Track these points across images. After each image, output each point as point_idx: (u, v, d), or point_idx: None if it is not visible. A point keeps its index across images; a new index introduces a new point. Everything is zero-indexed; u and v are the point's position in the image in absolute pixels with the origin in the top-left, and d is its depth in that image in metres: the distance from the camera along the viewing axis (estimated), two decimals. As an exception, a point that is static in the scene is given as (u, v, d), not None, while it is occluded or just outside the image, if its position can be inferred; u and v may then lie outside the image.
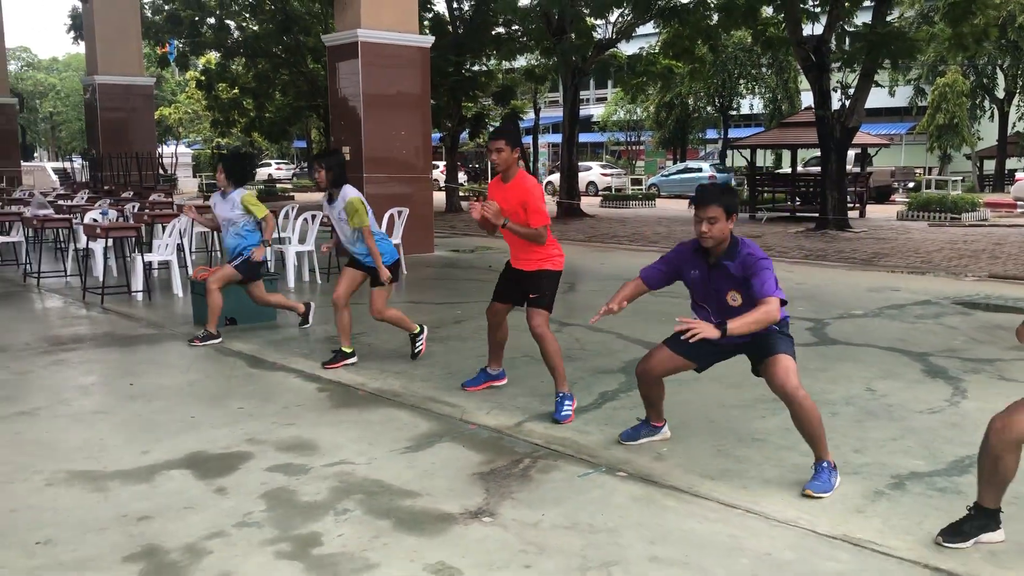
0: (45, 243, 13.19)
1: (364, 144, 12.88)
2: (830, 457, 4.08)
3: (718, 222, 4.05)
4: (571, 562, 3.33)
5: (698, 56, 24.38)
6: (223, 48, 29.05)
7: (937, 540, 3.46)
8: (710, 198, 4.06)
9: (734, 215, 4.12)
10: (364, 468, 4.33)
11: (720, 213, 4.04)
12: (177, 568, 3.29)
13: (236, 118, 32.67)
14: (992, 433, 3.33)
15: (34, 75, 65.09)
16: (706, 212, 4.05)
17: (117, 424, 5.08)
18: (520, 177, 5.27)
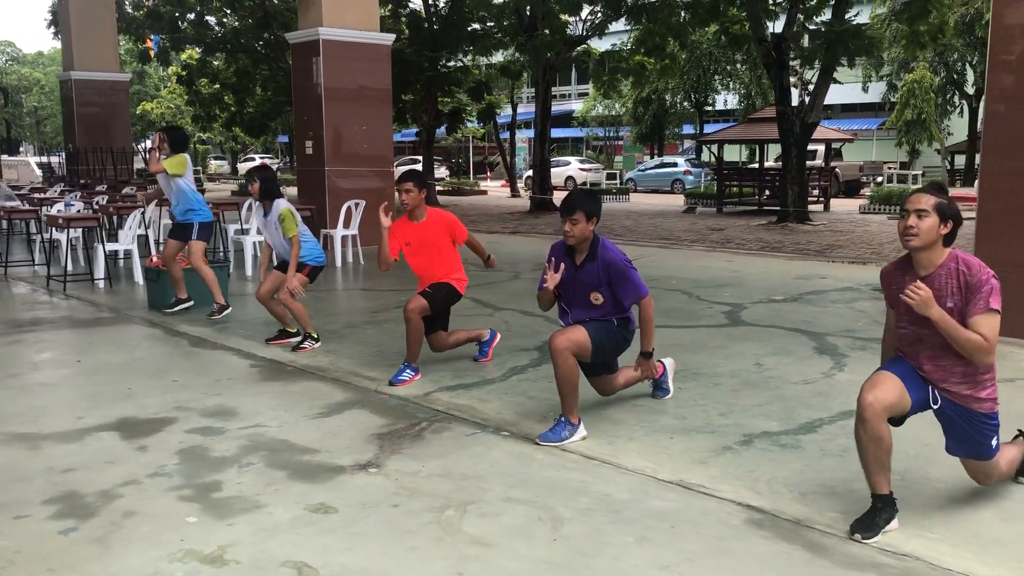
0: (17, 234, 13.65)
1: (326, 138, 13.35)
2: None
3: (579, 223, 4.58)
4: (435, 502, 3.83)
5: (669, 53, 24.89)
6: (203, 44, 29.38)
7: (854, 536, 3.45)
8: (574, 203, 4.61)
9: (595, 218, 4.63)
10: (275, 430, 4.82)
11: (581, 216, 4.58)
12: (90, 508, 3.77)
13: (217, 113, 33.09)
14: (864, 412, 3.45)
15: (19, 70, 65.29)
16: (570, 215, 4.59)
17: (59, 394, 5.56)
18: (433, 212, 5.84)
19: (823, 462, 4.31)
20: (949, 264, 3.46)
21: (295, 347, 6.69)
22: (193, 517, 3.69)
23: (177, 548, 3.39)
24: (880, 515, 3.52)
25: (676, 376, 5.84)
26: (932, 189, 3.54)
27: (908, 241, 3.46)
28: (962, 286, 3.41)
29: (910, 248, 3.48)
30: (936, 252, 3.47)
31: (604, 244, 4.73)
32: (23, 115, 62.77)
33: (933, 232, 3.42)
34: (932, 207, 3.41)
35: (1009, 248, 6.90)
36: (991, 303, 3.35)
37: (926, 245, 3.45)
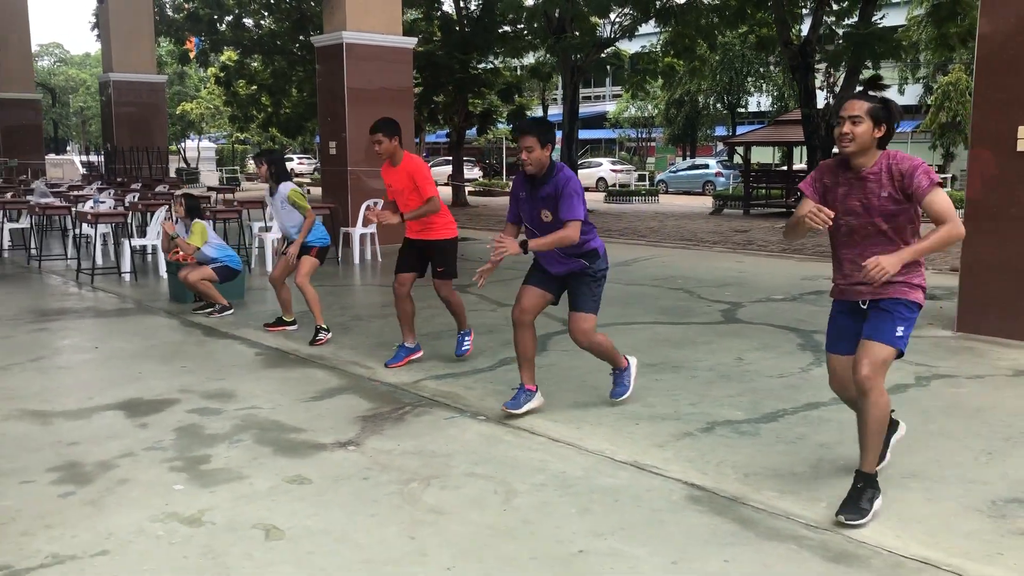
0: (57, 230, 14.22)
1: (348, 140, 13.74)
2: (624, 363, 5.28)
3: (534, 151, 4.70)
4: (402, 476, 4.14)
5: (699, 55, 25.05)
6: (241, 46, 30.04)
7: (839, 520, 3.55)
8: (525, 129, 4.74)
9: (549, 145, 4.77)
10: (267, 412, 5.16)
11: (535, 143, 4.69)
12: (88, 476, 4.14)
13: (254, 114, 33.76)
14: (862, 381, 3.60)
15: (66, 71, 66.89)
16: (523, 142, 4.72)
17: (74, 377, 5.97)
18: (406, 158, 6.14)
19: (775, 448, 4.55)
20: (881, 162, 3.64)
21: (312, 341, 6.97)
22: (180, 485, 4.04)
23: (161, 511, 3.73)
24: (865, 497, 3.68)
25: (655, 368, 6.12)
26: (864, 94, 3.70)
27: (844, 147, 3.64)
28: (895, 175, 3.58)
29: (846, 154, 3.65)
30: (870, 155, 3.65)
31: (561, 166, 4.86)
32: (70, 115, 64.30)
33: (867, 136, 3.60)
34: (865, 112, 3.59)
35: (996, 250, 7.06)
36: (932, 177, 3.54)
37: (861, 150, 3.63)
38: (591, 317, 5.00)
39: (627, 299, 9.16)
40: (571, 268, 4.98)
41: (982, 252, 7.14)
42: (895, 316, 3.71)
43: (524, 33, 26.43)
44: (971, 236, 7.19)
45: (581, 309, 4.99)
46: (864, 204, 3.67)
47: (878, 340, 3.68)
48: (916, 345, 6.91)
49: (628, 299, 9.17)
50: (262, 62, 31.73)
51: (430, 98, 27.38)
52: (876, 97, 3.66)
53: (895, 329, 3.69)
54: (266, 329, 7.33)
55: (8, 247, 12.99)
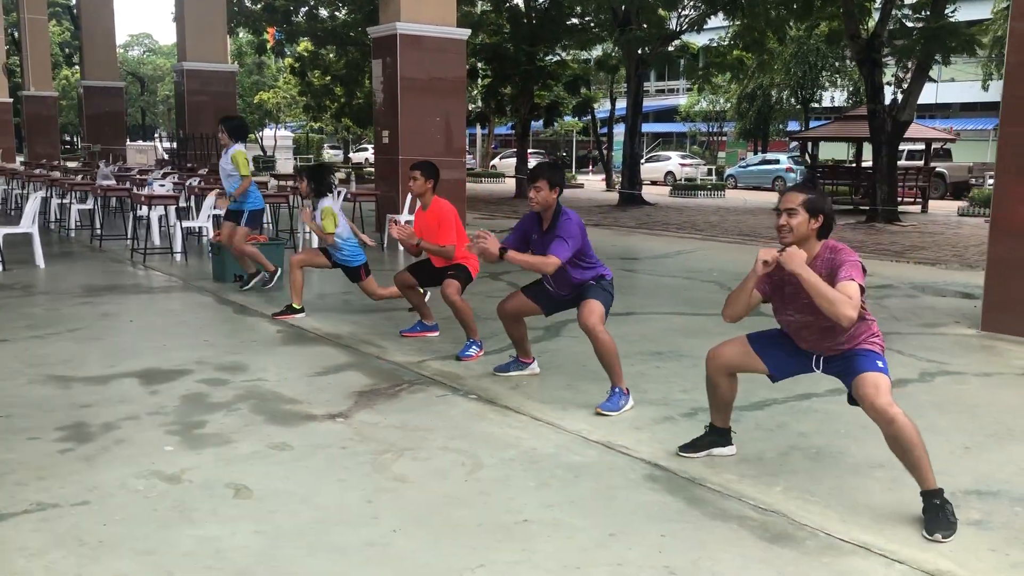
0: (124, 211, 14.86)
1: (400, 129, 14.02)
2: (623, 384, 4.98)
3: (542, 191, 4.99)
4: (379, 446, 4.33)
5: (768, 48, 24.70)
6: (316, 36, 30.70)
7: (677, 452, 4.26)
8: (538, 173, 5.07)
9: (557, 187, 5.03)
10: (272, 384, 5.41)
11: (544, 184, 5.01)
12: (89, 434, 4.44)
13: (327, 104, 34.49)
14: (707, 362, 4.13)
15: (154, 60, 69.13)
16: (535, 183, 5.03)
17: (103, 346, 6.32)
18: (436, 203, 6.36)
19: (751, 434, 4.61)
20: (823, 254, 3.71)
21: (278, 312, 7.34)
22: (170, 447, 4.30)
23: (146, 468, 3.99)
24: (705, 438, 4.27)
25: (659, 356, 6.22)
26: (802, 186, 3.82)
27: (782, 239, 3.73)
28: (829, 269, 3.65)
29: (785, 244, 3.73)
30: (811, 245, 3.71)
31: (566, 211, 5.10)
32: (157, 103, 66.44)
33: (804, 228, 3.67)
34: (800, 204, 3.67)
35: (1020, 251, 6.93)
36: (853, 275, 3.56)
37: (799, 241, 3.70)
38: (598, 303, 5.06)
39: (654, 290, 9.21)
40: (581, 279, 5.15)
41: (1007, 252, 7.01)
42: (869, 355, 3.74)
43: (591, 25, 26.46)
44: (997, 234, 7.10)
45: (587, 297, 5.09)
46: (810, 303, 3.65)
47: (870, 371, 3.67)
48: (935, 343, 6.87)
49: (655, 290, 9.22)
50: (336, 52, 32.37)
51: (497, 90, 27.63)
52: (813, 188, 3.76)
53: (876, 362, 3.71)
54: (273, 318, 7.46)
55: (76, 226, 13.63)
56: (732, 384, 4.17)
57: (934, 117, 41.06)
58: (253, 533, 3.36)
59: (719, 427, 4.28)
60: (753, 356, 3.99)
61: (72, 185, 13.27)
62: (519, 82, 26.47)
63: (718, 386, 4.15)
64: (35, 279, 9.19)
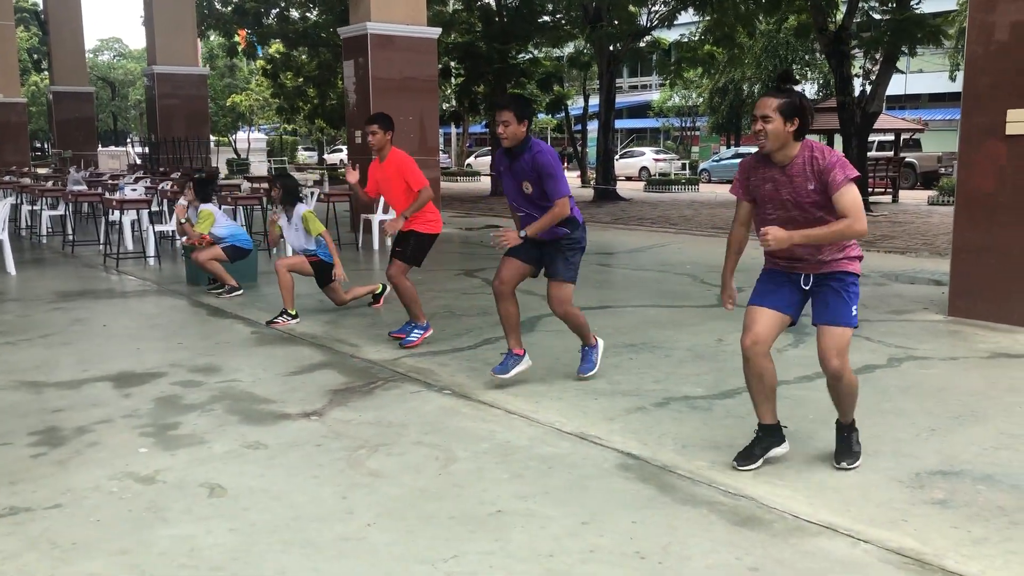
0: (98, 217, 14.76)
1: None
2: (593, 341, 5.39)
3: (511, 124, 4.93)
4: (354, 443, 4.36)
5: (738, 42, 24.85)
6: (287, 38, 30.57)
7: (733, 465, 3.91)
8: (502, 104, 4.98)
9: (525, 120, 4.97)
10: (246, 385, 5.42)
11: (511, 117, 4.91)
12: (62, 438, 4.43)
13: (300, 105, 34.37)
14: (749, 351, 3.86)
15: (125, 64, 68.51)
16: (500, 116, 4.95)
17: (75, 351, 6.29)
18: (394, 153, 6.33)
19: (723, 422, 4.67)
20: (804, 153, 3.72)
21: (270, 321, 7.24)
22: (145, 448, 4.30)
23: (120, 470, 4.00)
24: (759, 445, 3.99)
25: (633, 348, 6.26)
26: (776, 90, 3.76)
27: (761, 146, 3.76)
28: (816, 171, 3.68)
29: (764, 152, 3.77)
30: (789, 148, 3.73)
31: (536, 142, 5.07)
32: (128, 108, 65.85)
33: (781, 133, 3.69)
34: (774, 109, 3.67)
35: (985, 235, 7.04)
36: (847, 172, 3.62)
37: (777, 147, 3.72)
38: (568, 286, 5.20)
39: (628, 283, 9.27)
40: (554, 235, 5.15)
41: (971, 239, 7.12)
42: (847, 296, 3.83)
43: (562, 22, 26.53)
44: (961, 221, 7.21)
45: (558, 277, 5.20)
46: (794, 199, 3.76)
47: (839, 324, 3.80)
48: (903, 329, 6.97)
49: (629, 283, 9.28)
50: (308, 54, 32.26)
51: (470, 88, 27.63)
52: (787, 92, 3.74)
53: (850, 310, 3.83)
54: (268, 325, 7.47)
55: (47, 233, 13.53)
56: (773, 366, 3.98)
57: (904, 108, 41.46)
58: (228, 531, 3.38)
59: (770, 424, 3.99)
60: (778, 315, 3.91)
61: (43, 191, 13.17)
62: (492, 80, 26.49)
63: (764, 373, 3.89)
64: (6, 286, 9.13)
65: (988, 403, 4.99)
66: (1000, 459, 4.10)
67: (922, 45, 19.82)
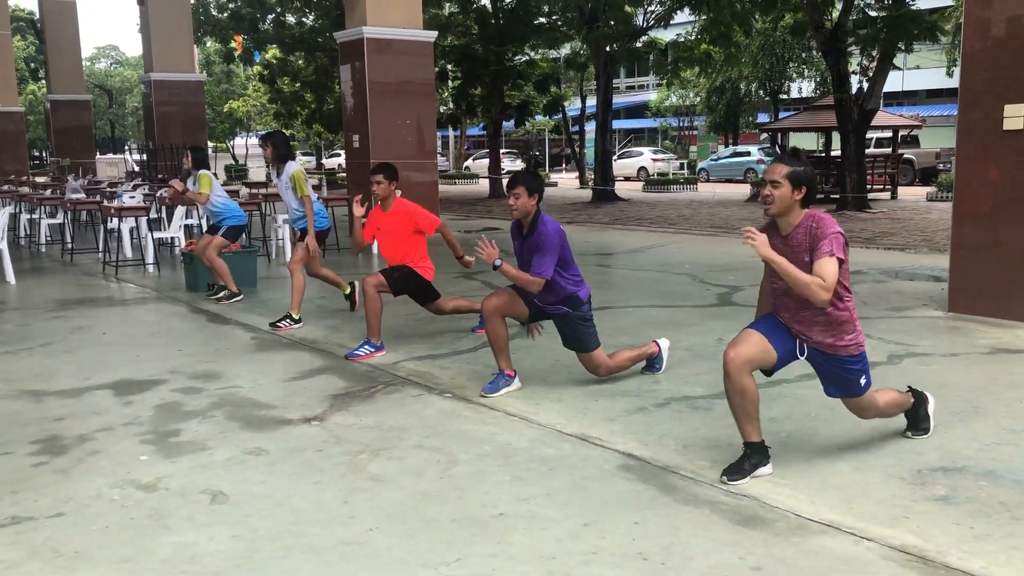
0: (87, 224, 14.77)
1: (371, 133, 14.02)
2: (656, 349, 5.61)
3: (521, 198, 5.05)
4: (354, 447, 4.36)
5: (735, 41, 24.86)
6: (283, 43, 30.58)
7: (722, 479, 3.82)
8: (517, 180, 5.11)
9: (536, 194, 5.08)
10: (246, 391, 5.42)
11: (523, 191, 5.05)
12: (63, 446, 4.43)
13: (298, 110, 34.38)
14: (728, 364, 3.80)
15: (122, 72, 68.50)
16: (513, 190, 5.09)
17: (76, 359, 6.29)
18: (399, 203, 6.38)
19: (723, 422, 4.64)
20: (805, 223, 3.79)
21: (274, 323, 7.24)
22: (146, 456, 4.30)
23: (122, 478, 4.00)
24: (748, 460, 3.91)
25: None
26: (787, 158, 3.86)
27: (767, 209, 3.82)
28: (810, 240, 3.73)
29: (769, 215, 3.84)
30: (794, 215, 3.80)
31: (544, 219, 5.15)
32: (126, 115, 65.84)
33: (787, 199, 3.75)
34: (784, 176, 3.74)
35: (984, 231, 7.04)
36: (834, 249, 3.66)
37: (783, 212, 3.79)
38: (598, 352, 5.32)
39: (627, 284, 9.27)
40: (556, 312, 5.25)
41: (970, 234, 7.12)
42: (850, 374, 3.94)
43: (559, 24, 26.54)
44: (960, 217, 7.22)
45: (586, 349, 5.33)
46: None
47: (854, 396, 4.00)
48: (903, 326, 6.96)
49: (628, 284, 9.28)
50: (304, 59, 32.26)
51: (467, 91, 27.65)
52: (798, 161, 3.80)
53: (859, 383, 3.96)
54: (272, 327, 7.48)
55: (46, 241, 13.54)
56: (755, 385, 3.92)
57: (901, 104, 41.48)
58: (230, 537, 3.38)
59: (756, 442, 3.90)
60: (767, 345, 3.88)
61: (41, 200, 13.17)
62: (489, 83, 26.52)
63: (746, 391, 3.83)
64: (5, 295, 9.13)
65: (989, 399, 4.99)
66: (1001, 454, 4.11)
67: (919, 41, 19.82)
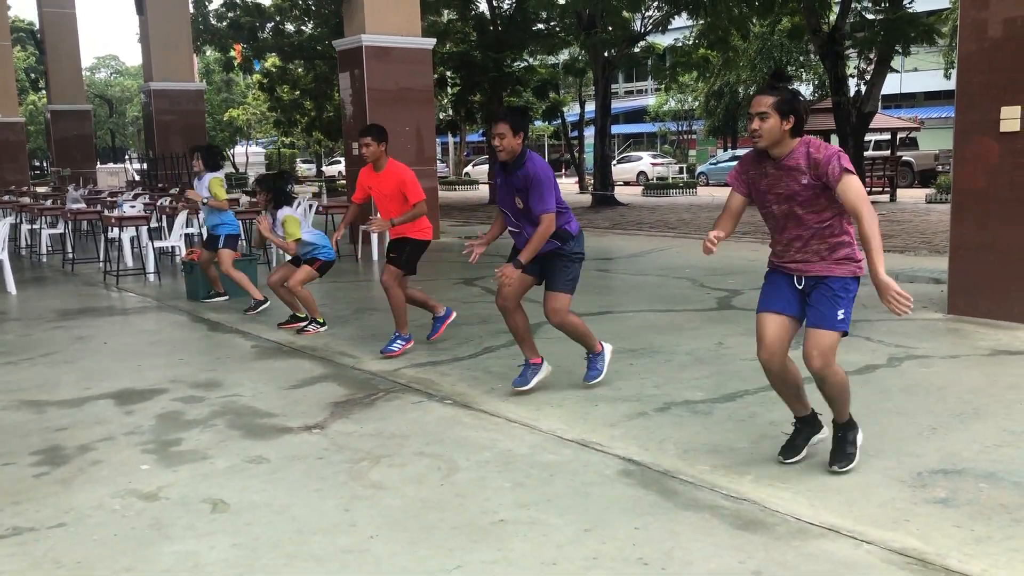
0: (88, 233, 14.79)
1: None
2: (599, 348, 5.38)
3: (506, 137, 4.95)
4: (356, 455, 4.36)
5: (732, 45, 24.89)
6: (282, 51, 30.65)
7: (779, 459, 4.04)
8: (499, 116, 5.01)
9: (521, 132, 5.00)
10: (247, 399, 5.43)
11: (507, 129, 4.94)
12: (65, 457, 4.44)
13: (298, 118, 34.46)
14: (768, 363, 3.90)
15: (122, 82, 68.65)
16: (497, 129, 4.98)
17: (77, 369, 6.30)
18: (391, 164, 6.34)
19: (724, 426, 4.67)
20: (799, 148, 3.75)
21: (300, 329, 7.32)
22: (147, 465, 4.31)
23: (123, 488, 4.00)
24: (800, 436, 4.12)
25: (633, 353, 6.27)
26: (771, 88, 3.79)
27: (756, 143, 3.80)
28: (811, 163, 3.71)
29: (759, 148, 3.81)
30: (785, 144, 3.77)
31: (531, 156, 5.08)
32: (126, 124, 65.97)
33: (776, 130, 3.72)
34: (771, 107, 3.70)
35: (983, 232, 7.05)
36: (843, 164, 3.65)
37: (773, 143, 3.76)
38: (564, 296, 5.19)
39: (627, 288, 9.28)
40: (546, 249, 5.13)
41: (969, 234, 7.13)
42: (836, 300, 3.83)
43: (557, 30, 26.59)
44: (958, 219, 7.23)
45: (554, 288, 5.20)
46: (788, 192, 3.81)
47: (824, 327, 3.81)
48: (902, 328, 6.96)
49: (628, 288, 9.29)
50: (304, 67, 32.33)
51: (466, 98, 27.69)
52: (782, 89, 3.76)
53: (836, 313, 3.83)
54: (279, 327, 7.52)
55: (47, 251, 13.56)
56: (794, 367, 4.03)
57: (900, 107, 41.51)
58: (231, 546, 3.39)
59: (805, 415, 4.12)
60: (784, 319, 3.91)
61: (42, 210, 13.20)
62: (488, 89, 26.55)
63: (785, 376, 3.96)
64: (6, 306, 9.15)
65: (989, 400, 4.99)
66: (1002, 456, 4.11)
67: (916, 44, 19.87)
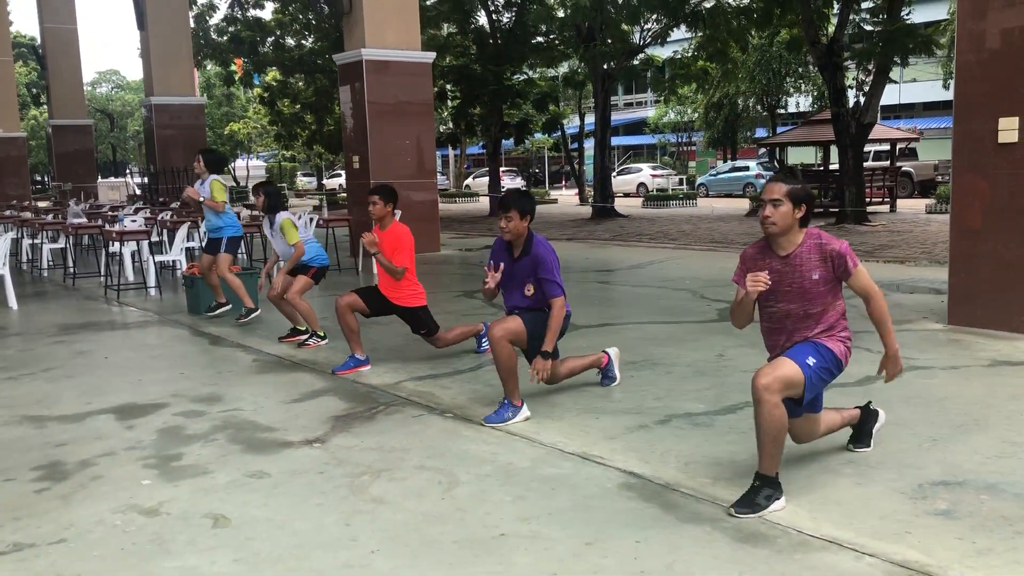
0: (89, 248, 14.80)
1: (371, 153, 14.09)
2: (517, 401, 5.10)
3: (513, 220, 5.05)
4: (356, 469, 4.36)
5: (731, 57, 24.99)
6: (283, 65, 30.76)
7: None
8: (509, 202, 5.10)
9: (528, 215, 5.10)
10: (248, 413, 5.43)
11: (515, 214, 5.06)
12: (65, 472, 4.43)
13: (298, 132, 34.52)
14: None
15: (123, 96, 68.87)
16: (506, 212, 5.08)
17: (78, 384, 6.30)
18: (395, 226, 6.41)
19: (725, 438, 4.67)
20: (808, 242, 3.83)
21: (300, 343, 7.33)
22: (148, 480, 4.31)
23: (124, 503, 4.00)
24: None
25: (633, 365, 6.26)
26: (784, 177, 3.91)
27: (767, 229, 3.84)
28: (823, 257, 3.78)
29: (770, 235, 3.86)
30: (794, 234, 3.84)
31: (537, 240, 5.18)
32: (127, 139, 66.12)
33: (788, 218, 3.78)
34: (784, 195, 3.77)
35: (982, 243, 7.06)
36: (855, 262, 3.79)
37: (784, 231, 3.82)
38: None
39: (628, 301, 9.29)
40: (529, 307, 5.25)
41: (969, 245, 7.14)
42: (814, 349, 3.85)
43: (556, 43, 26.70)
44: (957, 229, 7.24)
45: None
46: (797, 288, 3.84)
47: (789, 358, 3.80)
48: (903, 339, 6.91)
49: (629, 301, 9.30)
50: (304, 81, 32.43)
51: (466, 110, 27.77)
52: (795, 179, 3.87)
53: (807, 357, 3.82)
54: (280, 341, 7.54)
55: (48, 266, 13.58)
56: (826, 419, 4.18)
57: (899, 117, 41.59)
58: (232, 561, 3.38)
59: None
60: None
61: (43, 225, 13.23)
62: (488, 102, 26.63)
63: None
64: (7, 321, 9.15)
65: (990, 411, 4.99)
66: (1003, 468, 4.10)
67: (914, 55, 19.90)
